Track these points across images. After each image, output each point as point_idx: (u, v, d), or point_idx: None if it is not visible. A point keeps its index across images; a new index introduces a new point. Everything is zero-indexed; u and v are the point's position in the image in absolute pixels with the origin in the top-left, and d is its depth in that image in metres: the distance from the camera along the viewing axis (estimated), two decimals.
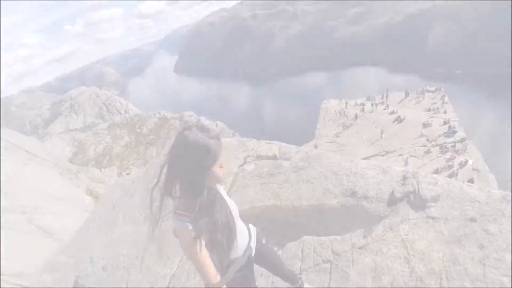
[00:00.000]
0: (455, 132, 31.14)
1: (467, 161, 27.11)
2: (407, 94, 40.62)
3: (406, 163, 29.22)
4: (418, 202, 2.47)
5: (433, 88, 40.15)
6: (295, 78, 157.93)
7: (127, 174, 44.40)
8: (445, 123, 32.74)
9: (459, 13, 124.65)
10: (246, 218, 3.12)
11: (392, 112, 37.21)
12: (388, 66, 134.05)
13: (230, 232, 1.60)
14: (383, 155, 33.31)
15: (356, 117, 37.82)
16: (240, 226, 1.86)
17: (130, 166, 58.89)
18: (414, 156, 30.18)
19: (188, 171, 1.38)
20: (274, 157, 3.80)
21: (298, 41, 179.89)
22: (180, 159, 1.37)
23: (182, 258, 3.17)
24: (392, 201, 2.59)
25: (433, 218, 2.31)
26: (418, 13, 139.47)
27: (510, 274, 1.81)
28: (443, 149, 29.53)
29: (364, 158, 34.45)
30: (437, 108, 35.72)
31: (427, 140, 31.78)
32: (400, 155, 31.95)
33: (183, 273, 3.00)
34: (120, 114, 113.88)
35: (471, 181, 24.59)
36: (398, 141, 33.60)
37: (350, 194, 2.79)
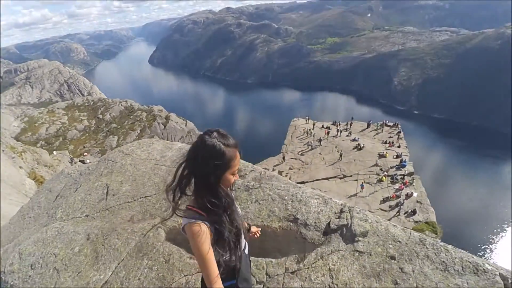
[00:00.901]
0: (404, 166, 33.59)
1: (412, 193, 29.28)
2: (368, 125, 43.23)
3: (361, 188, 30.89)
4: (349, 235, 2.69)
5: (391, 124, 43.22)
6: (271, 92, 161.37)
7: (80, 161, 41.18)
8: (397, 156, 35.17)
9: (422, 60, 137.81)
10: None
11: (354, 140, 39.24)
12: (356, 96, 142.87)
13: (239, 232, 1.69)
14: (341, 178, 34.92)
15: (320, 139, 39.37)
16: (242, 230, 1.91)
17: (85, 154, 54.67)
18: (368, 183, 32.00)
19: (203, 172, 1.45)
20: None
21: (277, 57, 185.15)
22: (197, 160, 1.45)
23: (119, 265, 3.04)
24: (327, 232, 2.78)
25: (359, 252, 2.53)
26: (388, 54, 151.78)
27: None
28: (393, 179, 31.64)
29: (324, 179, 36.00)
30: (393, 142, 38.33)
31: (381, 169, 33.81)
32: (356, 180, 33.78)
33: (117, 281, 2.87)
34: (83, 95, 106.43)
35: (414, 211, 26.80)
36: (355, 167, 35.48)
37: (292, 219, 2.93)
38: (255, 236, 2.37)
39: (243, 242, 1.87)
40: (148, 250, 2.93)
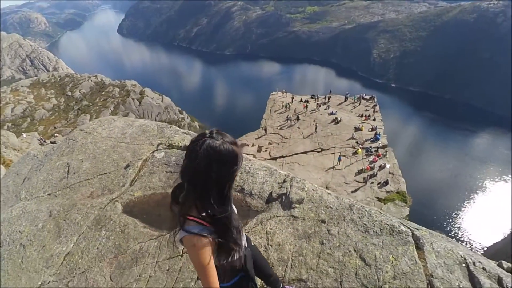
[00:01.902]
0: (378, 139, 34.90)
1: (385, 165, 30.76)
2: (346, 98, 43.94)
3: (339, 160, 32.08)
4: (287, 202, 3.01)
5: (368, 97, 44.09)
6: (249, 64, 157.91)
7: (52, 143, 39.35)
8: (372, 129, 36.34)
9: (400, 31, 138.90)
10: (146, 203, 3.35)
11: (331, 113, 39.94)
12: (335, 68, 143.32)
13: (239, 234, 1.62)
14: (319, 151, 35.97)
15: (298, 116, 39.79)
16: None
17: (56, 134, 51.99)
18: (344, 156, 33.26)
19: (221, 179, 1.36)
20: (185, 148, 3.99)
21: (255, 26, 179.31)
22: (214, 168, 1.32)
23: (79, 237, 3.23)
24: (269, 200, 3.10)
25: (294, 217, 2.86)
26: (368, 25, 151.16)
27: (336, 266, 2.43)
28: (368, 152, 32.95)
29: (302, 152, 36.92)
30: (369, 115, 39.38)
31: (356, 142, 34.98)
32: (333, 153, 34.96)
33: (78, 251, 3.07)
34: (48, 71, 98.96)
35: (386, 182, 28.40)
36: (333, 141, 36.54)
37: (240, 190, 3.23)
38: None
39: (243, 239, 1.82)
40: (105, 222, 3.14)
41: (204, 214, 1.41)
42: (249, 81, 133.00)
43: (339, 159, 31.30)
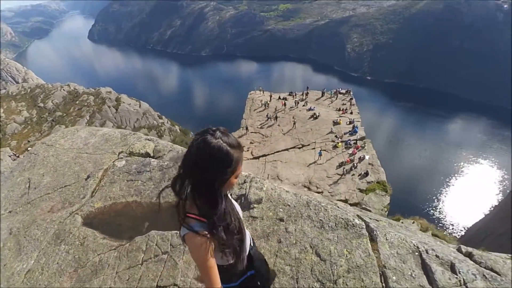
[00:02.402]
0: (356, 132, 35.74)
1: (364, 156, 31.50)
2: (323, 94, 44.63)
3: (320, 155, 32.55)
4: (246, 203, 3.08)
5: (344, 91, 44.94)
6: (227, 64, 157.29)
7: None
8: (350, 122, 37.13)
9: (372, 25, 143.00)
10: (107, 213, 3.30)
11: (310, 109, 40.45)
12: (312, 64, 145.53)
13: (241, 235, 1.61)
14: (300, 148, 36.41)
15: (276, 114, 40.02)
16: (245, 229, 1.85)
17: (29, 148, 49.55)
18: (325, 150, 33.85)
19: (208, 177, 1.35)
20: (147, 155, 4.01)
21: (230, 26, 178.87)
22: (199, 164, 1.33)
23: (39, 253, 3.14)
24: None
25: (253, 217, 2.93)
26: (340, 20, 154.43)
27: (293, 264, 2.49)
28: (347, 145, 33.64)
29: (284, 150, 37.25)
30: (346, 109, 40.21)
31: (336, 136, 35.58)
32: (313, 148, 35.52)
33: (38, 267, 3.00)
34: (17, 83, 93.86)
35: (366, 173, 29.16)
36: (313, 136, 37.05)
37: None
38: None
39: (247, 239, 1.80)
40: (65, 236, 3.08)
41: (202, 211, 1.41)
42: (227, 81, 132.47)
43: (320, 154, 31.80)
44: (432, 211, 63.81)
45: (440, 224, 58.05)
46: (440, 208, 64.82)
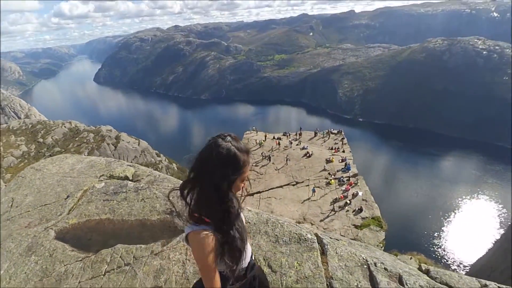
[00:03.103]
0: (349, 169, 36.09)
1: (358, 193, 31.43)
2: (315, 134, 45.92)
3: (313, 192, 32.44)
4: None
5: (335, 131, 46.34)
6: (225, 107, 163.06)
7: None
8: (342, 160, 37.68)
9: (361, 72, 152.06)
10: (79, 229, 3.48)
11: (303, 148, 41.25)
12: (306, 108, 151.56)
13: (243, 241, 1.59)
14: (293, 185, 36.38)
15: (271, 153, 40.72)
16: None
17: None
18: (318, 187, 33.83)
19: (215, 177, 1.37)
20: (126, 178, 4.31)
21: (229, 73, 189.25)
22: (208, 164, 1.38)
23: (10, 264, 3.23)
24: None
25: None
26: (331, 68, 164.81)
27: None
28: (340, 182, 33.74)
29: (278, 187, 37.12)
30: (338, 148, 41.07)
31: (329, 173, 35.83)
32: (307, 185, 35.52)
33: (6, 277, 3.07)
34: (19, 118, 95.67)
35: (360, 209, 28.84)
36: (306, 173, 37.30)
37: (169, 212, 3.50)
38: None
39: (248, 250, 1.79)
40: (36, 248, 3.24)
41: (207, 211, 1.43)
42: (225, 122, 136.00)
43: (313, 191, 31.74)
44: (433, 247, 61.69)
45: (442, 261, 55.77)
46: (441, 244, 62.86)
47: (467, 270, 47.40)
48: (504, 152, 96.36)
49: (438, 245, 62.52)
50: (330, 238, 3.37)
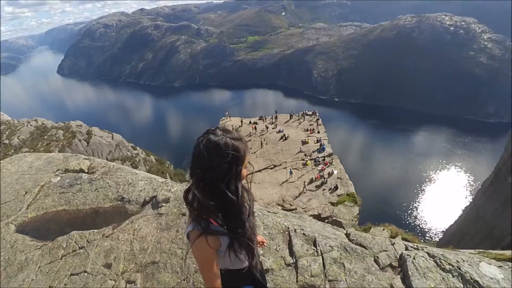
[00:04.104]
0: (324, 149, 37.29)
1: (333, 172, 32.71)
2: (291, 116, 46.63)
3: (290, 174, 33.38)
4: (155, 203, 3.72)
5: (310, 112, 47.26)
6: (200, 93, 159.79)
7: None
8: (317, 141, 38.76)
9: (334, 52, 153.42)
10: (38, 221, 3.76)
11: (279, 131, 41.92)
12: (282, 90, 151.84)
13: (255, 234, 1.58)
14: (272, 168, 37.22)
15: (250, 134, 41.08)
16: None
17: None
18: (296, 168, 34.87)
19: (222, 174, 1.33)
20: (81, 171, 4.57)
21: (201, 58, 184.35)
22: (211, 164, 1.33)
23: None
24: (144, 203, 3.77)
25: (160, 214, 3.56)
26: (305, 49, 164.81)
27: (184, 247, 3.05)
28: (316, 162, 34.89)
29: (257, 171, 37.83)
30: (313, 129, 42.06)
31: (305, 155, 36.85)
32: (285, 168, 36.51)
33: None
34: None
35: (336, 187, 30.23)
36: (283, 156, 38.18)
37: (120, 199, 3.86)
38: (262, 246, 2.22)
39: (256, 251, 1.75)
40: None
41: (214, 213, 1.40)
42: (201, 109, 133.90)
43: (290, 172, 32.68)
44: (408, 218, 65.84)
45: (418, 230, 59.58)
46: (416, 214, 67.04)
47: (440, 237, 50.86)
48: (472, 125, 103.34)
49: (413, 215, 66.75)
50: (268, 212, 3.87)
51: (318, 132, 42.28)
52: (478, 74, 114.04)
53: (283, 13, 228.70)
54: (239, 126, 43.87)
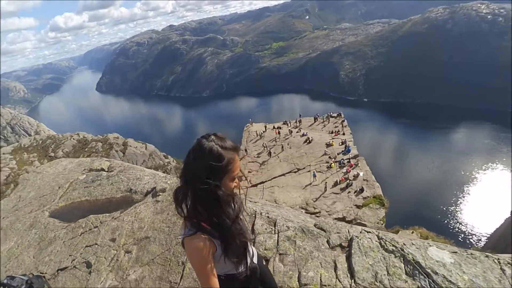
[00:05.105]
0: (349, 151, 36.60)
1: (358, 174, 31.99)
2: (315, 119, 46.35)
3: (314, 177, 33.19)
4: (155, 193, 4.45)
5: (335, 114, 46.60)
6: (227, 102, 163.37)
7: None
8: (342, 143, 38.16)
9: (362, 51, 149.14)
10: (66, 209, 4.65)
11: (303, 135, 41.92)
12: (309, 94, 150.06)
13: (246, 242, 1.58)
14: (295, 172, 37.27)
15: (274, 139, 41.59)
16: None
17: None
18: (320, 171, 34.59)
19: (201, 178, 1.33)
20: (102, 170, 5.51)
21: (228, 67, 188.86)
22: (194, 167, 1.35)
23: (17, 237, 4.47)
24: (147, 193, 4.53)
25: (157, 201, 4.29)
26: (331, 50, 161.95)
27: (170, 225, 3.70)
28: (341, 164, 34.34)
29: (281, 175, 38.07)
30: (338, 131, 41.47)
31: (329, 157, 36.42)
32: (309, 171, 36.36)
33: (15, 246, 4.30)
34: (29, 135, 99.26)
35: (362, 189, 29.52)
36: (307, 159, 38.07)
37: (129, 190, 4.70)
38: None
39: (252, 251, 1.79)
40: (36, 225, 4.48)
41: (204, 216, 1.40)
42: (229, 117, 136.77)
43: (314, 175, 32.40)
44: (448, 222, 60.90)
45: (459, 235, 55.30)
46: (457, 218, 61.86)
47: (485, 242, 46.76)
48: None
49: (453, 219, 61.39)
50: (249, 201, 4.42)
51: (344, 134, 41.56)
52: None
53: (307, 17, 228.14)
54: (263, 132, 44.49)
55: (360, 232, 3.42)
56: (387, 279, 2.74)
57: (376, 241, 3.22)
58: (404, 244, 3.12)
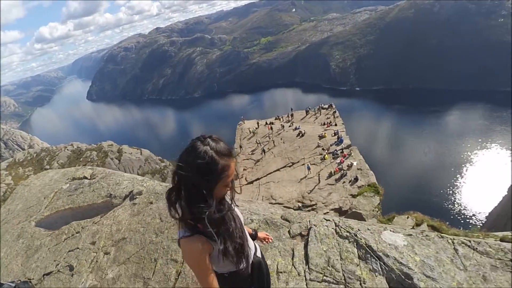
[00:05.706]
0: (342, 141, 36.95)
1: (352, 163, 32.32)
2: (307, 112, 46.55)
3: (308, 169, 33.51)
4: (132, 196, 4.74)
5: (326, 106, 46.80)
6: (219, 101, 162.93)
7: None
8: (335, 134, 38.47)
9: (351, 41, 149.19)
10: (50, 217, 4.89)
11: (296, 128, 42.16)
12: (301, 87, 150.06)
13: (241, 241, 1.60)
14: (290, 166, 37.58)
15: (267, 135, 41.79)
16: (247, 236, 1.88)
17: None
18: (314, 164, 34.91)
19: (194, 182, 1.33)
20: (84, 178, 5.77)
21: (218, 66, 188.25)
22: (187, 170, 1.33)
23: (6, 248, 4.72)
24: (125, 197, 4.82)
25: (134, 203, 4.57)
26: (320, 42, 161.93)
27: (145, 226, 3.97)
28: (334, 155, 34.68)
29: (275, 171, 38.31)
30: (330, 122, 41.73)
31: (322, 149, 36.73)
32: (303, 164, 36.71)
33: (4, 256, 4.54)
34: (23, 149, 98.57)
35: (356, 179, 29.90)
36: (301, 153, 38.37)
37: (109, 195, 4.96)
38: (267, 241, 2.35)
39: (251, 248, 1.82)
40: (23, 235, 4.76)
41: (197, 216, 1.38)
42: (222, 117, 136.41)
43: (308, 168, 32.69)
44: (446, 204, 61.18)
45: (458, 216, 55.81)
46: (455, 200, 62.19)
47: (484, 221, 47.24)
48: (509, 97, 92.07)
49: (451, 201, 61.58)
50: None
51: (336, 125, 41.82)
52: (509, 41, 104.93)
53: (294, 10, 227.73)
54: (256, 128, 44.60)
55: (320, 221, 3.59)
56: (340, 264, 2.88)
57: (332, 228, 3.38)
58: (358, 229, 3.25)
